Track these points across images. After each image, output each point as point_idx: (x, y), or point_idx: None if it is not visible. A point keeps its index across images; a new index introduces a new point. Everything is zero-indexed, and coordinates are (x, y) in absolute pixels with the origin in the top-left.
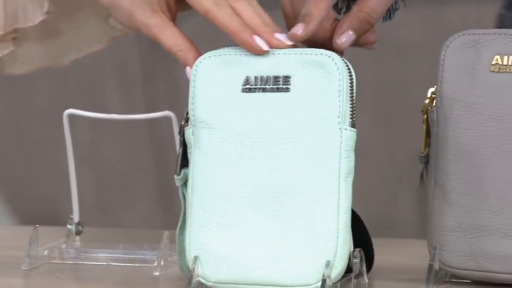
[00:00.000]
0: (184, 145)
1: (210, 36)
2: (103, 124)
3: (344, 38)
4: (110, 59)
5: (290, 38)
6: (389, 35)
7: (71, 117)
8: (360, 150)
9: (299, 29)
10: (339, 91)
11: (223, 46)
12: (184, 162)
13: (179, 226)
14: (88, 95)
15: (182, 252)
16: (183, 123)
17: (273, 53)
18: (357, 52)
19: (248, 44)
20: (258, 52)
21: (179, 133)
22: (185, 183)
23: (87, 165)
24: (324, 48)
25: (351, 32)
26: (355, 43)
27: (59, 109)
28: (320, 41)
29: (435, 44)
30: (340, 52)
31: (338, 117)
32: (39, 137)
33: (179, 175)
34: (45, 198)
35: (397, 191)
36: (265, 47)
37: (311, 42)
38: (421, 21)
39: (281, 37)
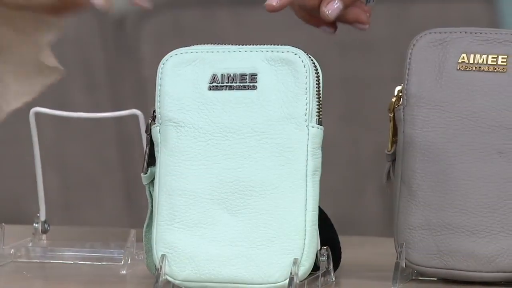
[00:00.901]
0: (151, 143)
1: (175, 34)
2: (68, 122)
3: (331, 8)
4: (75, 58)
5: (267, 8)
6: (355, 33)
7: (37, 115)
8: (327, 148)
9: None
10: (306, 89)
11: (190, 44)
12: (151, 160)
13: (146, 224)
14: (53, 94)
15: (149, 250)
16: (150, 121)
17: (240, 51)
18: (324, 49)
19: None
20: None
21: (146, 132)
22: (152, 182)
23: (53, 164)
24: (313, 16)
25: (337, 2)
26: (345, 20)
27: (24, 107)
28: (309, 8)
29: (401, 42)
30: (329, 23)
31: (305, 115)
32: (3, 136)
33: (146, 173)
34: (11, 197)
35: (363, 189)
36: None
37: (301, 8)
38: (387, 19)
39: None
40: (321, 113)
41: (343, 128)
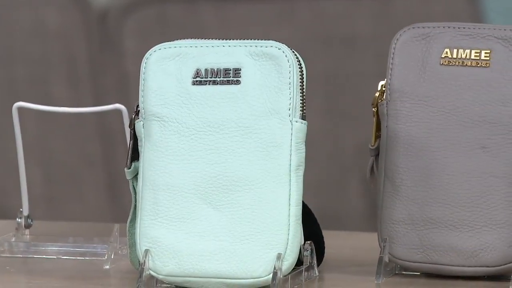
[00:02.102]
0: (134, 138)
1: (159, 29)
2: (51, 117)
3: None
4: (58, 51)
5: None
6: (338, 28)
7: (20, 110)
8: (310, 143)
9: None
10: (290, 83)
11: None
12: (135, 155)
13: (129, 219)
14: (35, 88)
15: (133, 245)
16: (133, 116)
17: (224, 45)
18: (307, 44)
19: None
20: None
21: (130, 126)
22: (135, 176)
23: (36, 158)
24: None
25: None
26: None
27: (5, 102)
28: None
29: (384, 37)
30: None
31: (289, 109)
32: None
33: (129, 168)
34: None
35: (346, 184)
36: None
37: None
38: (369, 14)
39: None
40: (304, 108)
41: (327, 123)
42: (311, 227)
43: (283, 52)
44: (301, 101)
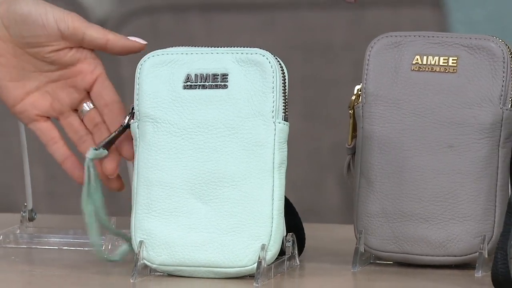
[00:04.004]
0: (121, 132)
1: (152, 37)
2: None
3: None
4: None
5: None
6: (316, 37)
7: None
8: (291, 142)
9: None
10: (273, 88)
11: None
12: (108, 146)
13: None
14: None
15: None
16: (128, 117)
17: (212, 53)
18: (287, 52)
19: None
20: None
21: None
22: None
23: (39, 156)
24: None
25: None
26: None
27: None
28: None
29: (358, 45)
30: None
31: (272, 112)
32: None
33: (97, 150)
34: (0, 187)
35: (325, 180)
36: None
37: None
38: (344, 24)
39: None
40: (287, 110)
41: (307, 124)
42: (293, 220)
43: (267, 58)
44: (284, 104)
